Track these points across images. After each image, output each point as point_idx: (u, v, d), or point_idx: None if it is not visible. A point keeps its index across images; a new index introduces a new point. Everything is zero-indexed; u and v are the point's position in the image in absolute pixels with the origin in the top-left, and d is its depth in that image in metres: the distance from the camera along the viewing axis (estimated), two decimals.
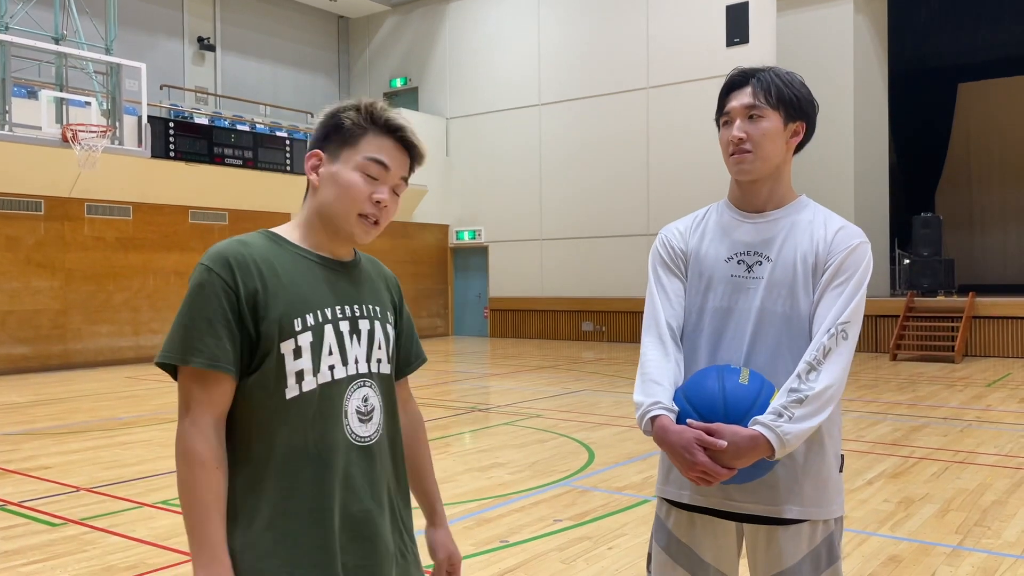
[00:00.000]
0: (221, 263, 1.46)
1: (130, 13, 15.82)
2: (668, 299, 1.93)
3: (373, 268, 1.70)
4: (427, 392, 10.18)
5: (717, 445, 1.67)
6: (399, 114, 1.58)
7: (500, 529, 4.52)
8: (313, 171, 1.56)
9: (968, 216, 20.70)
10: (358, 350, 1.54)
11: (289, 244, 1.55)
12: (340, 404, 1.50)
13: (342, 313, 1.54)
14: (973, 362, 13.03)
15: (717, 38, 15.95)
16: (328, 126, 1.56)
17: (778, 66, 1.92)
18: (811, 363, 1.73)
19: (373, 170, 1.53)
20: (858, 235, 1.86)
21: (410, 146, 1.58)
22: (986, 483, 5.45)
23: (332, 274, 1.56)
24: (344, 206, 1.53)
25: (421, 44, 20.07)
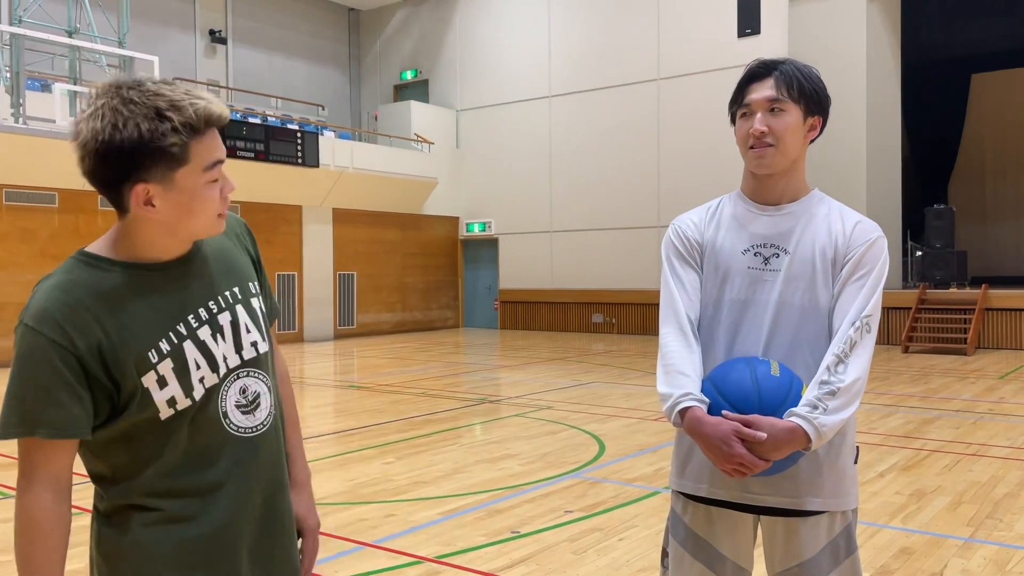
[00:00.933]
0: (50, 323, 1.32)
1: (142, 6, 15.87)
2: (685, 290, 1.91)
3: (212, 242, 1.51)
4: (438, 384, 10.22)
5: (757, 437, 1.66)
6: (200, 98, 1.36)
7: (511, 520, 4.54)
8: (147, 204, 1.34)
9: (981, 208, 20.56)
10: (224, 347, 1.46)
11: (113, 264, 1.38)
12: (217, 408, 1.44)
13: (196, 320, 1.43)
14: (986, 354, 12.96)
15: (728, 29, 15.86)
16: (140, 156, 1.30)
17: (795, 58, 1.92)
18: (839, 355, 1.74)
19: (216, 173, 1.39)
20: (876, 229, 1.87)
21: (223, 120, 1.39)
22: (998, 476, 5.44)
23: (172, 280, 1.43)
24: (205, 219, 1.40)
25: (432, 36, 20.05)
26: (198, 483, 1.43)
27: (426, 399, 8.97)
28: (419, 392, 9.48)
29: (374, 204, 17.58)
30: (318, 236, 16.72)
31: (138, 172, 1.32)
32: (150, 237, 1.40)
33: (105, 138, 1.29)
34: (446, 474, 5.59)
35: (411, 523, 4.51)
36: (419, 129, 18.76)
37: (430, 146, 18.81)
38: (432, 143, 18.82)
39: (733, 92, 1.93)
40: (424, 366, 12.21)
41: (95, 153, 1.31)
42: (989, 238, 20.38)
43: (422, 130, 18.80)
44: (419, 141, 18.68)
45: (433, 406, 8.49)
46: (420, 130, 18.77)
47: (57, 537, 1.35)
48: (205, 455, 1.43)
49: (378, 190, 17.36)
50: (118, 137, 1.28)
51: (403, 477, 5.52)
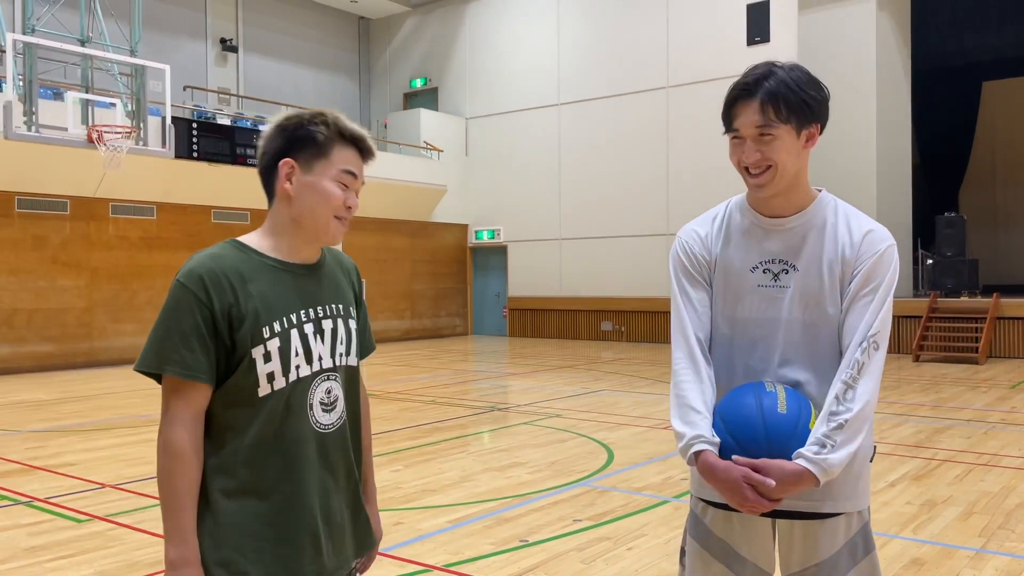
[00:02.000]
0: (195, 280, 1.58)
1: (154, 15, 15.99)
2: (694, 310, 1.90)
3: (336, 264, 1.82)
4: (446, 391, 10.22)
5: (766, 483, 1.69)
6: (354, 123, 1.73)
7: (519, 529, 4.53)
8: (287, 180, 1.66)
9: (992, 216, 20.46)
10: (322, 348, 1.70)
11: (256, 253, 1.67)
12: (305, 398, 1.67)
13: (306, 316, 1.68)
14: (997, 363, 12.88)
15: (738, 37, 15.86)
16: (294, 137, 1.67)
17: (779, 62, 1.83)
18: (847, 382, 1.73)
19: (347, 180, 1.69)
20: (885, 238, 1.83)
21: (368, 152, 1.74)
22: (1010, 486, 5.40)
23: (297, 279, 1.70)
24: (325, 212, 1.68)
25: (441, 44, 20.12)
26: (276, 464, 1.63)
27: (435, 407, 8.97)
28: (428, 400, 9.48)
29: (383, 211, 17.63)
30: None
31: (290, 150, 1.66)
32: (283, 227, 1.69)
33: (279, 121, 1.69)
34: (454, 482, 5.59)
35: (419, 531, 4.50)
36: (428, 137, 18.81)
37: (439, 154, 18.86)
38: (441, 151, 18.86)
39: (722, 111, 1.86)
40: (433, 373, 12.21)
41: (273, 127, 1.69)
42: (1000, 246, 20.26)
43: (431, 138, 18.85)
44: (428, 149, 18.73)
45: (442, 414, 8.48)
46: (429, 138, 18.82)
47: (194, 466, 1.58)
48: (286, 440, 1.64)
49: (387, 197, 17.40)
50: (285, 122, 1.69)
51: (411, 485, 5.51)
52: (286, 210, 1.69)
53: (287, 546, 1.63)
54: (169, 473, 1.57)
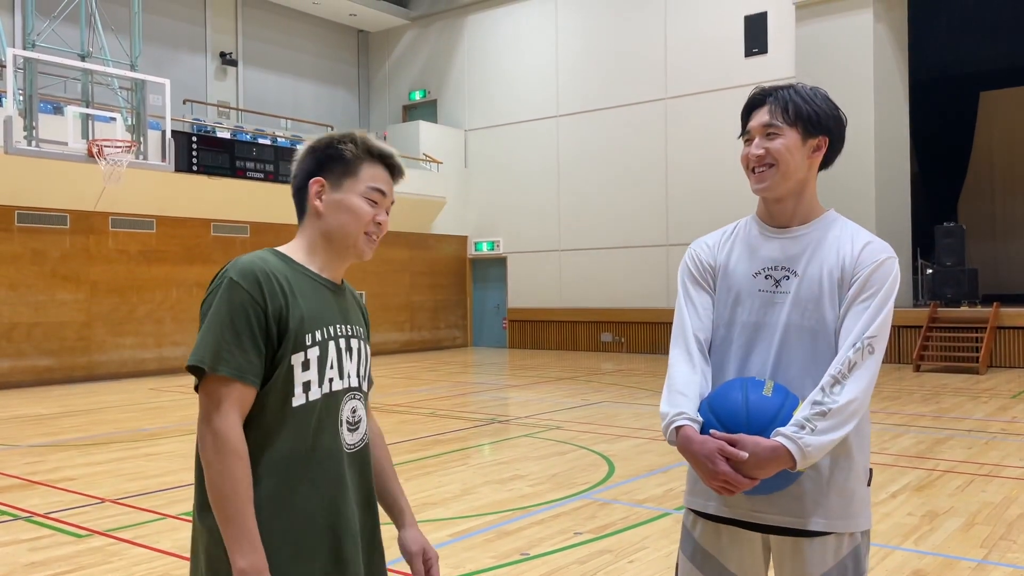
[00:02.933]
0: (251, 280, 1.59)
1: (154, 29, 16.06)
2: (696, 312, 1.96)
3: (350, 292, 1.86)
4: (446, 404, 10.21)
5: (738, 456, 1.70)
6: (383, 141, 1.79)
7: (520, 542, 4.52)
8: (317, 198, 1.71)
9: (991, 225, 20.47)
10: (351, 366, 1.72)
11: (297, 265, 1.70)
12: (336, 414, 1.67)
13: (342, 331, 1.71)
14: (998, 373, 12.87)
15: (736, 48, 15.93)
16: (325, 156, 1.72)
17: (803, 82, 1.95)
18: (836, 376, 1.75)
19: (375, 197, 1.73)
20: (885, 251, 1.87)
21: (397, 170, 1.78)
22: (1011, 496, 5.39)
23: (332, 295, 1.73)
24: (355, 228, 1.71)
25: (440, 57, 20.21)
26: (307, 479, 1.60)
27: (435, 419, 8.95)
28: (428, 412, 9.47)
29: None
30: None
31: (320, 169, 1.71)
32: (316, 244, 1.72)
33: (311, 143, 1.75)
34: (455, 495, 5.58)
35: None
36: (428, 149, 18.86)
37: (439, 165, 18.90)
38: (441, 162, 18.91)
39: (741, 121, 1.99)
40: (432, 386, 12.20)
41: (305, 150, 1.74)
42: (1000, 256, 20.27)
43: (431, 150, 18.89)
44: (428, 161, 18.77)
45: (442, 426, 8.47)
46: (429, 150, 18.86)
47: (247, 463, 1.54)
48: (321, 455, 1.63)
49: None
50: (316, 143, 1.74)
51: (411, 498, 5.47)
52: (317, 227, 1.73)
53: (304, 565, 1.59)
54: (228, 472, 1.50)
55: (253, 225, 15.23)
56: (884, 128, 15.11)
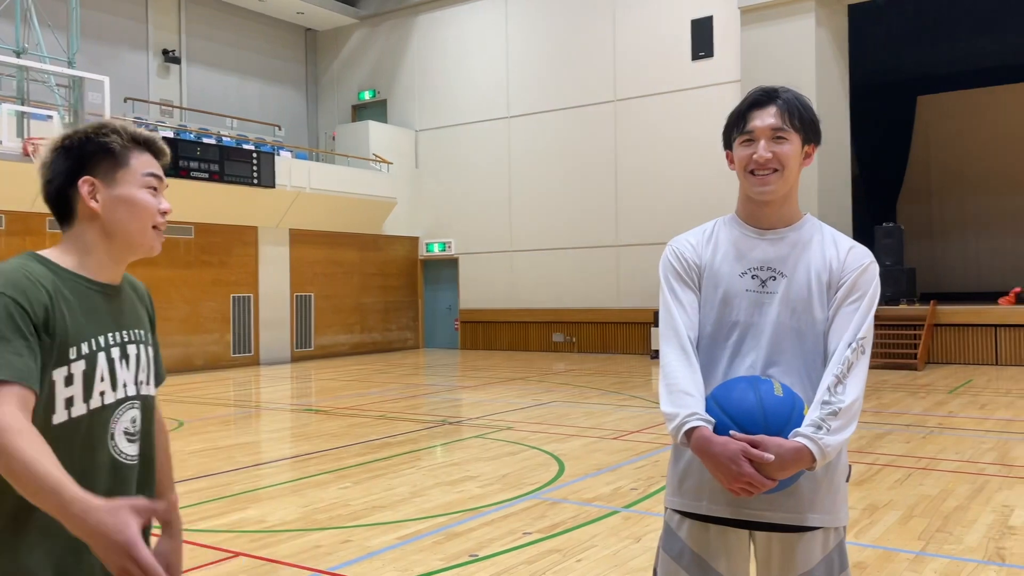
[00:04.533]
0: (14, 287, 1.45)
1: (93, 26, 15.64)
2: (685, 311, 1.95)
3: (131, 288, 1.72)
4: (397, 406, 10.14)
5: (765, 458, 1.70)
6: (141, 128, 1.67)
7: (469, 543, 4.50)
8: (91, 198, 1.56)
9: (928, 226, 21.09)
10: (127, 375, 1.59)
11: (65, 271, 1.55)
12: (107, 427, 1.56)
13: (114, 340, 1.58)
14: (935, 369, 13.26)
15: (683, 52, 16.15)
16: (84, 153, 1.58)
17: (790, 87, 1.98)
18: (838, 376, 1.80)
19: (154, 183, 1.62)
20: (868, 255, 1.94)
21: (162, 154, 1.66)
22: (948, 489, 5.55)
23: (106, 300, 1.60)
24: (140, 223, 1.60)
25: (389, 57, 20.07)
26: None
27: (385, 422, 8.88)
28: (378, 415, 9.39)
29: (332, 225, 17.46)
30: (274, 257, 16.54)
31: (85, 167, 1.56)
32: (92, 246, 1.58)
33: (57, 144, 1.58)
34: (404, 498, 5.54)
35: (367, 549, 4.45)
36: (377, 149, 18.72)
37: (389, 166, 18.77)
38: (391, 163, 18.78)
39: (731, 117, 1.97)
40: (383, 388, 12.10)
41: (53, 151, 1.58)
42: (936, 255, 20.90)
43: (381, 150, 18.76)
44: (378, 161, 18.63)
45: (392, 429, 8.41)
46: (379, 150, 18.72)
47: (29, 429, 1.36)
48: (88, 472, 1.48)
49: (336, 210, 17.25)
50: (67, 142, 1.58)
51: (360, 502, 5.45)
52: (93, 229, 1.58)
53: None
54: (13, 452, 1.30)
55: (197, 226, 14.94)
56: (826, 131, 15.23)
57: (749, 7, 15.43)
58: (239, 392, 12.31)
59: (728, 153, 1.99)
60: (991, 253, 20.27)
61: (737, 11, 15.60)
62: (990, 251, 20.31)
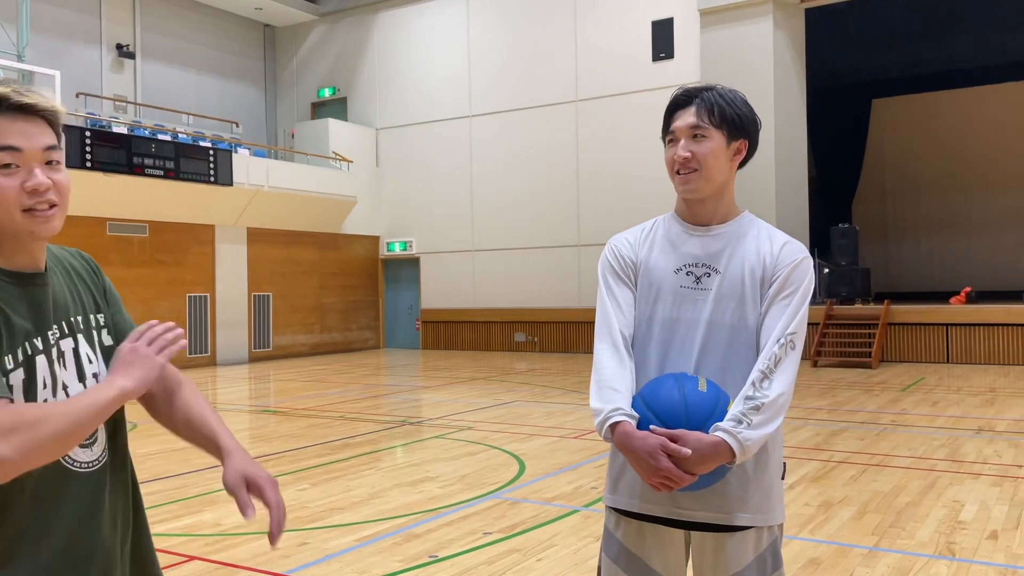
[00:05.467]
0: None
1: (44, 19, 15.25)
2: (620, 308, 1.95)
3: (61, 267, 1.49)
4: (357, 406, 10.05)
5: (682, 453, 1.70)
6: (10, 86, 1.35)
7: (429, 544, 4.47)
8: None
9: (883, 227, 21.52)
10: (66, 374, 1.40)
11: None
12: None
13: (53, 338, 1.39)
14: (889, 367, 13.52)
15: (643, 53, 16.26)
16: None
17: (721, 85, 1.97)
18: (764, 371, 1.80)
19: (6, 159, 1.30)
20: (802, 250, 1.94)
21: (25, 108, 1.33)
22: (901, 485, 5.65)
23: (30, 292, 1.37)
24: (5, 213, 1.32)
25: (350, 54, 19.90)
26: (31, 519, 1.33)
27: (345, 423, 8.80)
28: (337, 416, 9.30)
29: (291, 223, 17.25)
30: (231, 256, 16.29)
31: None
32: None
33: None
34: (363, 499, 5.48)
35: (325, 551, 4.39)
36: (337, 147, 18.55)
37: (349, 164, 18.61)
38: (351, 161, 18.62)
39: (662, 120, 1.99)
40: (343, 389, 11.99)
41: None
42: (891, 255, 21.33)
43: (341, 148, 18.58)
44: (338, 159, 18.46)
45: (352, 430, 8.33)
46: (339, 148, 18.55)
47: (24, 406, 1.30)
48: (40, 489, 1.34)
49: (295, 209, 17.05)
50: None
51: (319, 504, 5.38)
52: None
53: None
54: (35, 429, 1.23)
55: (152, 224, 14.65)
56: (783, 133, 15.68)
57: (709, 9, 15.59)
58: None
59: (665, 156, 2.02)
60: (943, 254, 20.76)
61: (697, 13, 15.75)
62: (942, 252, 20.80)
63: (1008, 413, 8.72)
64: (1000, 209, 20.07)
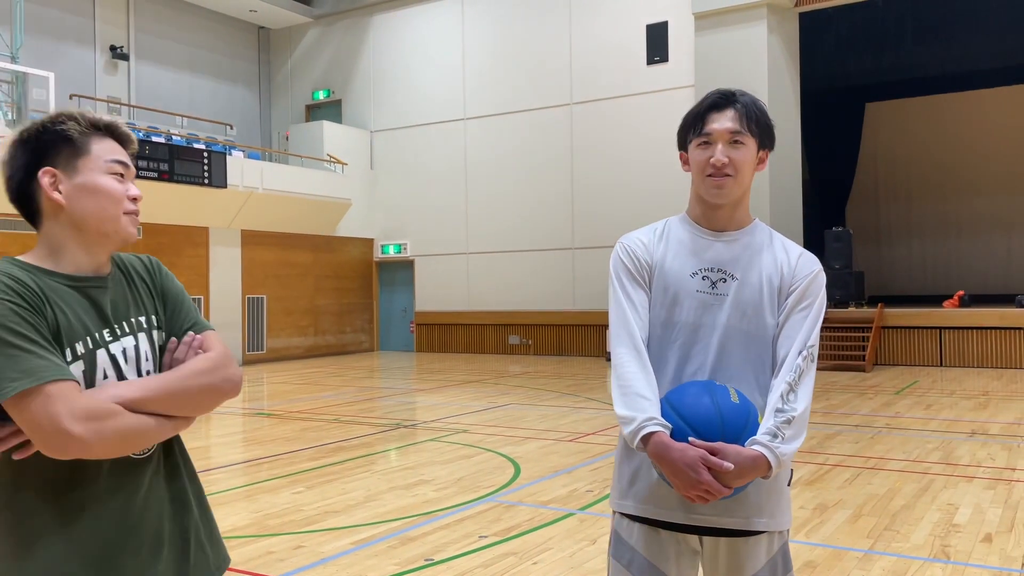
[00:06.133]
0: (7, 291, 1.41)
1: (38, 20, 15.21)
2: (636, 310, 1.92)
3: (124, 270, 1.64)
4: (351, 409, 10.03)
5: (724, 467, 1.70)
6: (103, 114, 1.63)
7: (424, 547, 4.46)
8: (53, 189, 1.50)
9: (876, 230, 21.58)
10: (129, 370, 1.54)
11: (43, 271, 1.50)
12: None
13: (110, 336, 1.53)
14: (883, 371, 13.56)
15: (638, 56, 16.29)
16: (43, 142, 1.52)
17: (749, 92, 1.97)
18: (791, 384, 1.81)
19: (119, 170, 1.56)
20: (816, 262, 1.95)
21: (127, 140, 1.61)
22: (895, 488, 5.67)
23: (92, 295, 1.54)
24: (111, 210, 1.54)
25: (344, 56, 19.89)
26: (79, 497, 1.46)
27: (339, 425, 8.78)
28: (332, 418, 9.28)
29: (285, 226, 17.22)
30: (225, 258, 16.25)
31: (43, 158, 1.50)
32: (63, 241, 1.52)
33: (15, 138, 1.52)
34: (358, 502, 5.47)
35: (320, 555, 4.38)
36: (332, 150, 18.53)
37: (343, 167, 18.59)
38: (346, 164, 18.60)
39: (688, 118, 1.95)
40: (337, 391, 11.97)
41: (12, 145, 1.51)
42: (884, 259, 21.39)
43: (335, 151, 18.56)
44: (332, 161, 18.44)
45: (346, 432, 8.31)
46: (333, 150, 18.53)
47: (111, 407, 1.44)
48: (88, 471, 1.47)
49: (289, 211, 17.02)
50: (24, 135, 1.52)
51: (313, 507, 5.37)
52: (62, 222, 1.52)
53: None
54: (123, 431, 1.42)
55: (146, 226, 14.60)
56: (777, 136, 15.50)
57: (703, 13, 15.63)
58: None
59: (682, 154, 1.97)
60: (936, 257, 20.83)
61: (691, 17, 15.78)
62: (935, 255, 20.87)
63: (1001, 416, 8.75)
64: (993, 213, 20.15)
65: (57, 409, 1.35)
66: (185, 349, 1.61)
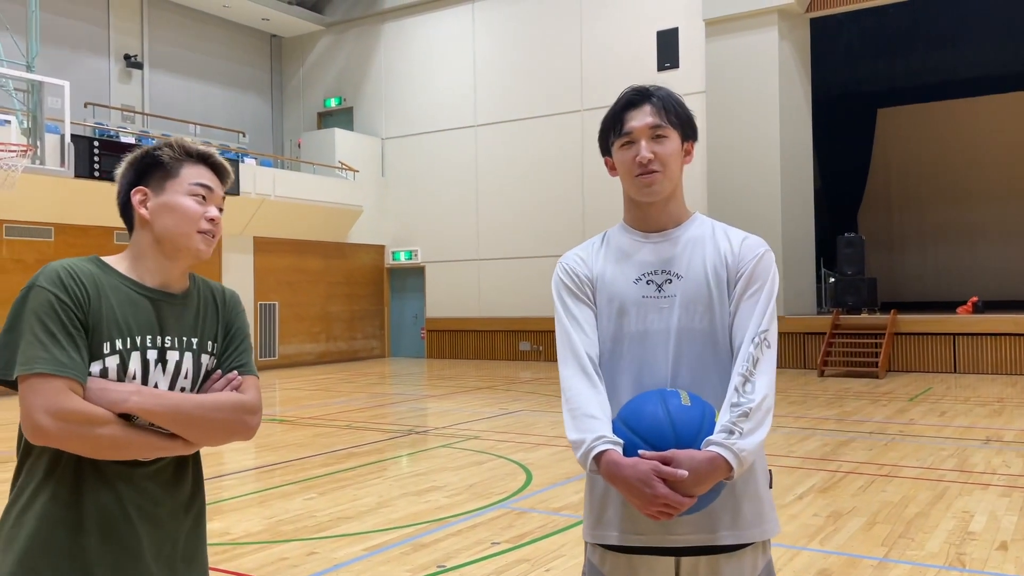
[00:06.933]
0: (53, 280, 1.56)
1: (53, 30, 15.36)
2: (581, 328, 1.83)
3: (207, 297, 1.79)
4: (362, 415, 10.05)
5: (677, 475, 1.58)
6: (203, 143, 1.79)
7: (437, 554, 4.47)
8: (142, 206, 1.69)
9: (888, 236, 21.49)
10: (161, 378, 1.65)
11: (114, 272, 1.67)
12: None
13: (152, 343, 1.65)
14: (896, 377, 13.48)
15: (649, 62, 16.30)
16: (142, 166, 1.71)
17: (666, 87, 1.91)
18: (744, 375, 1.70)
19: (201, 192, 1.71)
20: (762, 244, 1.85)
21: (220, 168, 1.76)
22: (909, 495, 5.63)
23: (151, 304, 1.67)
24: (186, 227, 1.69)
25: (356, 64, 19.99)
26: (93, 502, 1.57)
27: (351, 431, 8.80)
28: (343, 424, 9.30)
29: (297, 232, 17.31)
30: (238, 265, 16.34)
31: (140, 179, 1.70)
32: (144, 250, 1.69)
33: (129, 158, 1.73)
34: (370, 509, 5.48)
35: (333, 561, 4.39)
36: (343, 157, 18.61)
37: (355, 174, 18.66)
38: (357, 171, 18.68)
39: (606, 121, 1.89)
40: (349, 397, 12.00)
41: (125, 166, 1.72)
42: (896, 265, 21.29)
43: (347, 158, 18.65)
44: (344, 169, 18.52)
45: (358, 439, 8.33)
46: (345, 158, 18.61)
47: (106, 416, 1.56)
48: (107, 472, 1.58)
49: (301, 218, 17.10)
50: (133, 157, 1.73)
51: (326, 513, 5.38)
52: (146, 235, 1.70)
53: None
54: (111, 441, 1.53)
55: None
56: (789, 143, 15.69)
57: (714, 19, 15.63)
58: None
59: (607, 160, 1.91)
60: (949, 263, 20.71)
61: (702, 23, 15.79)
62: (948, 261, 20.76)
63: (1016, 423, 8.68)
64: (1007, 218, 20.03)
65: (35, 401, 1.48)
66: (223, 383, 1.72)
